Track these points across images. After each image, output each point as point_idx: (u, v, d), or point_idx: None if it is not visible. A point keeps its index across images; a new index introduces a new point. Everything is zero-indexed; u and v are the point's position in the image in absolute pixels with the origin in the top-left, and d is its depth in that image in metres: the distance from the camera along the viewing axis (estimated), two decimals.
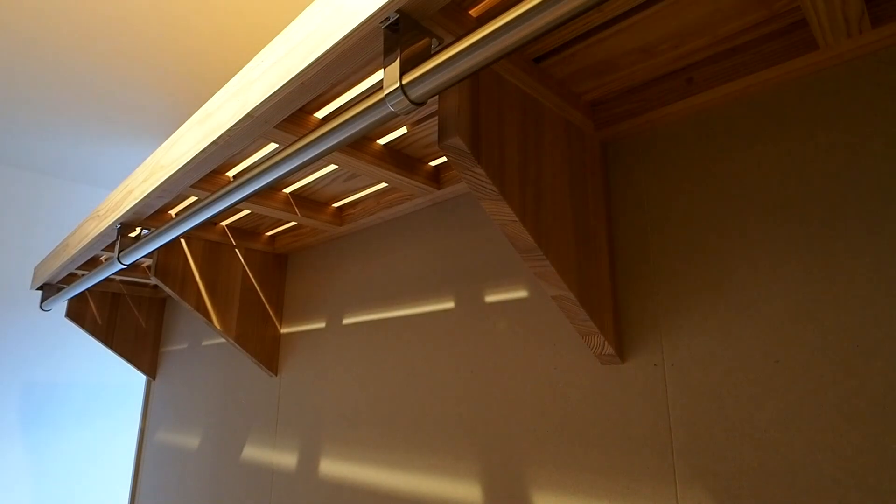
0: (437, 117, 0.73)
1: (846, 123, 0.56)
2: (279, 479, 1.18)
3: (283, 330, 1.28)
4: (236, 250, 1.24)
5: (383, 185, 0.96)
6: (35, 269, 1.69)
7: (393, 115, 0.47)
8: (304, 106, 0.68)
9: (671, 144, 0.68)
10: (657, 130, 0.69)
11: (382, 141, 0.79)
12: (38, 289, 1.50)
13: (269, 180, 0.63)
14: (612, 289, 0.67)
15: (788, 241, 0.57)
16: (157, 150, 0.81)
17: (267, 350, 1.25)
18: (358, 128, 0.50)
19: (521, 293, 0.80)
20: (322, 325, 1.17)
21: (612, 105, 0.69)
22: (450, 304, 0.90)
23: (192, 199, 1.02)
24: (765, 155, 0.60)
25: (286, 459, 1.17)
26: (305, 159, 0.58)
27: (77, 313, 1.62)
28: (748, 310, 0.58)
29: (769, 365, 0.56)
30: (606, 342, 0.63)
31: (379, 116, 0.47)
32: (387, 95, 0.45)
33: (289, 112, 0.58)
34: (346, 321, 1.11)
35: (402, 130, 0.76)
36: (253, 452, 1.28)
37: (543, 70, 0.62)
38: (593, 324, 0.61)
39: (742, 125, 0.62)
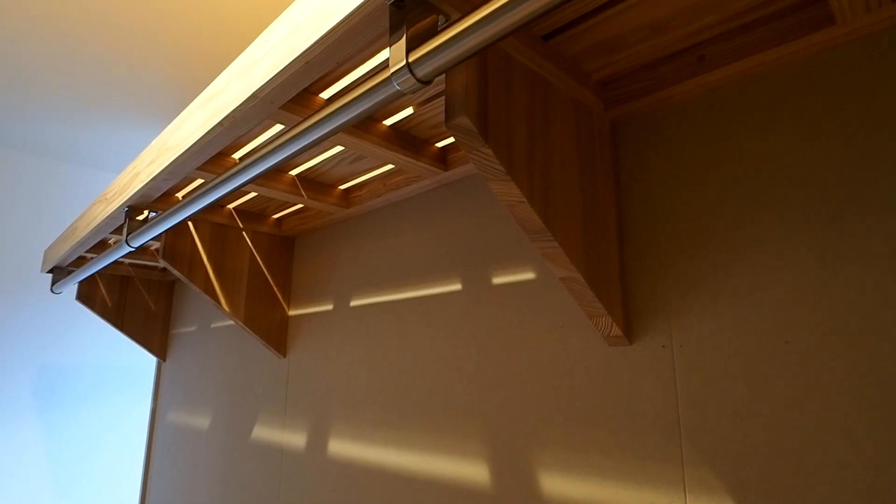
0: (443, 97, 0.72)
1: (862, 101, 0.54)
2: (289, 458, 1.19)
3: (291, 312, 1.29)
4: (243, 233, 1.24)
5: (390, 166, 0.95)
6: (45, 252, 1.70)
7: (399, 95, 0.46)
8: (309, 86, 0.68)
9: (682, 124, 0.67)
10: (667, 110, 0.68)
11: (389, 122, 0.78)
12: (48, 272, 1.51)
13: (275, 162, 0.63)
14: (621, 270, 0.67)
15: (800, 222, 0.56)
16: (164, 131, 0.80)
17: (275, 332, 1.26)
18: (364, 108, 0.50)
19: (529, 275, 0.80)
20: (330, 307, 1.17)
21: (621, 84, 0.68)
22: (457, 286, 0.90)
23: (199, 181, 1.02)
24: (777, 134, 0.59)
25: (296, 439, 1.19)
26: (311, 140, 0.58)
27: (87, 296, 1.63)
28: (758, 291, 0.58)
29: (779, 346, 0.56)
30: (614, 323, 0.63)
31: (385, 96, 0.46)
32: (393, 74, 0.44)
33: (294, 92, 0.57)
34: (353, 303, 1.11)
35: (409, 111, 0.75)
36: (263, 433, 1.30)
37: (552, 48, 0.61)
38: (601, 305, 0.61)
39: (754, 104, 0.61)
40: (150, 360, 2.68)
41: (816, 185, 0.56)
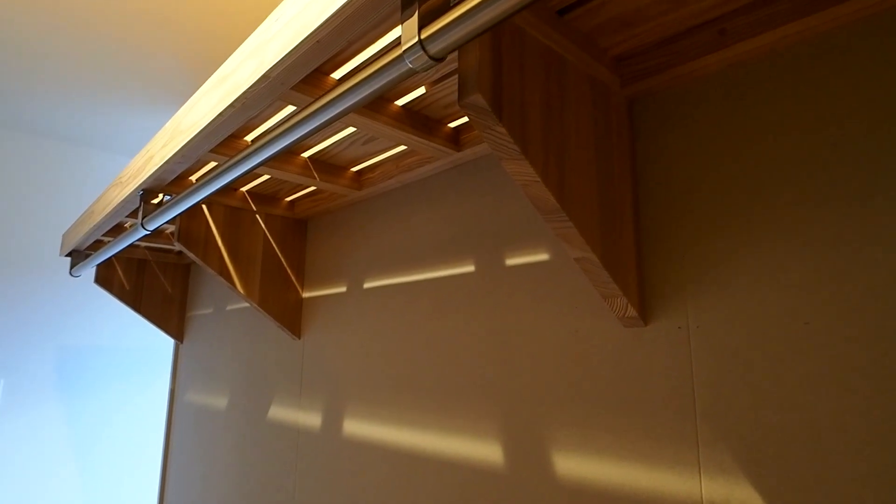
0: (456, 75, 0.71)
1: (890, 77, 0.52)
2: (304, 437, 1.21)
3: (305, 294, 1.30)
4: (257, 216, 1.24)
5: (402, 147, 0.95)
6: (63, 235, 1.72)
7: (411, 72, 0.45)
8: (320, 66, 0.67)
9: (701, 100, 0.65)
10: (686, 86, 0.66)
11: (400, 102, 0.77)
12: (66, 255, 1.54)
13: (288, 143, 0.62)
14: (637, 250, 0.66)
15: (821, 201, 0.55)
16: (176, 114, 0.80)
17: (289, 314, 1.27)
18: (376, 87, 0.49)
19: (542, 256, 0.79)
20: (343, 289, 1.18)
21: (639, 60, 0.66)
22: (470, 268, 0.90)
23: (212, 164, 1.02)
24: (800, 112, 0.57)
25: (311, 419, 1.20)
26: (323, 121, 0.57)
27: (105, 279, 1.66)
28: (778, 271, 0.57)
29: (797, 327, 0.55)
30: (629, 305, 0.63)
31: (397, 74, 0.46)
32: (405, 52, 0.43)
33: (305, 72, 0.56)
34: (366, 285, 1.12)
35: (421, 90, 0.74)
36: (279, 413, 1.32)
37: (568, 23, 0.59)
38: (616, 286, 0.60)
39: (776, 79, 0.59)
40: (167, 342, 2.72)
41: (838, 165, 0.54)
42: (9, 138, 2.39)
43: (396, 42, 0.63)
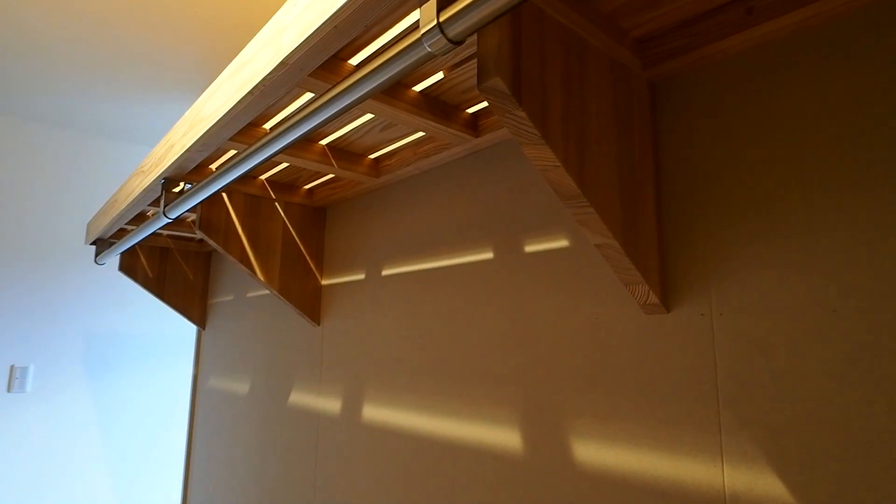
0: (475, 60, 0.70)
1: None
2: (324, 422, 1.23)
3: (324, 281, 1.31)
4: (276, 204, 1.25)
5: (420, 134, 0.94)
6: (87, 224, 1.76)
7: (430, 56, 0.45)
8: (338, 52, 0.67)
9: (726, 82, 0.63)
10: (711, 68, 0.65)
11: (418, 87, 0.77)
12: (91, 244, 1.57)
13: (306, 130, 0.62)
14: (659, 236, 0.65)
15: (852, 185, 0.53)
16: (196, 102, 0.81)
17: (309, 301, 1.28)
18: (394, 71, 0.49)
19: (562, 242, 0.78)
20: (362, 276, 1.19)
21: (662, 41, 0.65)
22: (488, 255, 0.89)
23: (232, 152, 1.03)
24: (829, 91, 0.56)
25: (331, 405, 1.22)
26: (341, 107, 0.57)
27: (129, 267, 1.69)
28: (806, 258, 0.55)
29: (825, 314, 0.54)
30: (651, 291, 0.62)
31: (416, 58, 0.45)
32: (423, 35, 0.43)
33: (323, 58, 0.56)
34: (385, 272, 1.12)
35: (439, 76, 0.73)
36: (299, 398, 1.34)
37: (588, 3, 0.58)
38: (638, 273, 0.60)
39: (805, 59, 0.58)
40: (190, 328, 2.77)
41: (869, 150, 0.52)
42: (33, 131, 2.43)
43: (415, 26, 0.62)
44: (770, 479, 0.55)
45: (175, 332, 2.72)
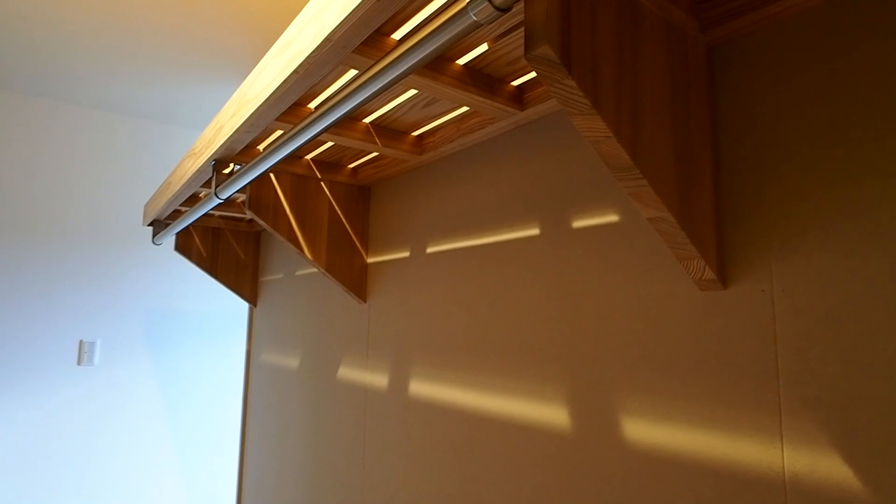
0: (520, 29, 0.68)
1: None
2: (372, 397, 1.25)
3: (370, 259, 1.32)
4: (321, 183, 1.27)
5: (463, 109, 0.93)
6: (144, 206, 1.83)
7: (476, 26, 0.44)
8: (381, 27, 0.66)
9: (790, 43, 0.59)
10: (774, 28, 0.61)
11: (462, 61, 0.75)
12: (148, 225, 1.63)
13: (350, 108, 0.62)
14: (716, 209, 0.62)
15: None
16: (242, 84, 0.82)
17: (355, 278, 1.30)
18: (438, 43, 0.47)
19: (611, 217, 0.76)
20: (406, 254, 1.19)
21: (720, 1, 0.61)
22: (534, 231, 0.88)
23: (278, 132, 1.04)
24: None
25: (378, 380, 1.24)
26: (385, 83, 0.56)
27: (184, 247, 1.75)
28: (878, 229, 0.52)
29: None
30: (707, 266, 0.59)
31: (461, 28, 0.44)
32: (469, 3, 0.42)
33: (367, 33, 0.56)
34: (429, 250, 1.12)
35: (483, 48, 0.72)
36: (347, 373, 1.37)
37: None
38: (693, 247, 0.57)
39: (883, 16, 0.53)
40: (242, 305, 2.88)
41: None
42: (91, 117, 2.54)
43: None
44: (834, 462, 0.53)
45: (228, 309, 2.83)
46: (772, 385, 0.58)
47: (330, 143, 1.10)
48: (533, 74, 0.79)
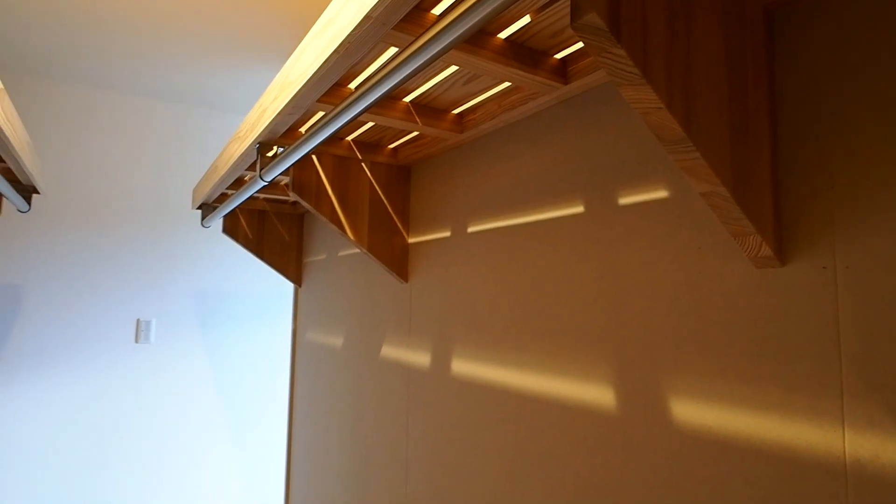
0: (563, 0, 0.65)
1: None
2: (414, 376, 1.27)
3: (411, 239, 1.33)
4: (362, 164, 1.27)
5: (505, 85, 0.91)
6: (193, 190, 1.89)
7: None
8: (421, 2, 0.65)
9: (857, 5, 0.55)
10: None
11: (503, 35, 0.73)
12: (197, 208, 1.69)
13: (390, 86, 0.62)
14: (773, 182, 0.59)
15: None
16: (285, 65, 0.82)
17: (397, 258, 1.31)
18: (480, 16, 0.46)
19: (660, 193, 0.73)
20: (447, 234, 1.19)
21: None
22: (578, 209, 0.86)
23: (320, 114, 1.05)
24: None
25: (420, 359, 1.25)
26: (425, 60, 0.56)
27: (231, 229, 1.80)
28: None
29: None
30: (764, 243, 0.56)
31: None
32: None
33: (407, 9, 0.55)
34: (470, 229, 1.12)
35: (526, 20, 0.70)
36: (390, 352, 1.39)
37: None
38: (749, 223, 0.55)
39: None
40: (288, 286, 2.95)
41: None
42: (139, 104, 2.63)
43: None
44: None
45: (274, 289, 2.91)
46: (833, 367, 0.55)
47: (370, 124, 1.10)
48: (577, 46, 0.77)
